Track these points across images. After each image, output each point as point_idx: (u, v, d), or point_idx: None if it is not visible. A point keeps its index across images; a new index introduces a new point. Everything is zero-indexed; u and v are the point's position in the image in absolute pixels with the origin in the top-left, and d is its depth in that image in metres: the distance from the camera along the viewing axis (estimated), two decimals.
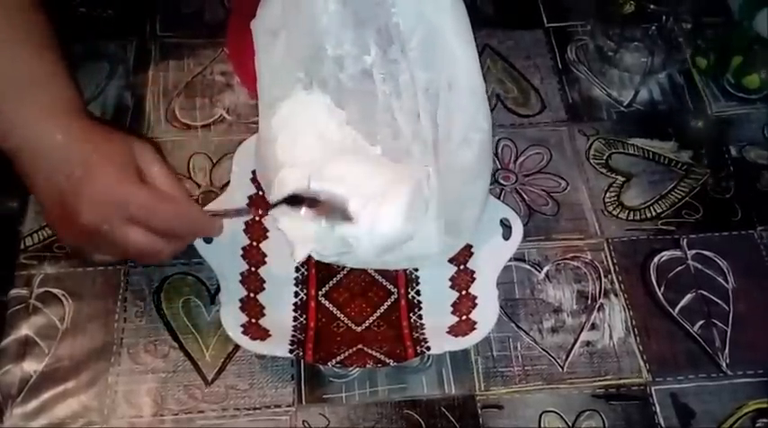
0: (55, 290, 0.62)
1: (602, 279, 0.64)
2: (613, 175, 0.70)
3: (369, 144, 0.61)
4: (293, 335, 0.58)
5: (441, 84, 0.56)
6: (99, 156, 0.51)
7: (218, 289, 0.61)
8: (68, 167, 0.51)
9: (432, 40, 0.55)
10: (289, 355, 0.57)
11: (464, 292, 0.60)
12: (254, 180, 0.65)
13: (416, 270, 0.63)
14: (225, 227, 0.60)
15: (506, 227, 0.62)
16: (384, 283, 0.63)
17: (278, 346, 0.57)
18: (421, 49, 0.55)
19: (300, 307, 0.61)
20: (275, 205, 0.57)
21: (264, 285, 0.61)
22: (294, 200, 0.56)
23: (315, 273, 0.63)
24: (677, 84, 0.76)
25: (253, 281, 0.61)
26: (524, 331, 0.62)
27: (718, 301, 0.63)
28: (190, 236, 0.57)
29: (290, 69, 0.60)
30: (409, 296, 0.62)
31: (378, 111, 0.59)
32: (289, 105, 0.61)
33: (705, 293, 0.63)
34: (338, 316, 0.61)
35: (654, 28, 0.73)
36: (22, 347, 0.59)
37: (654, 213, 0.68)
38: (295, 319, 0.60)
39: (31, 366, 0.58)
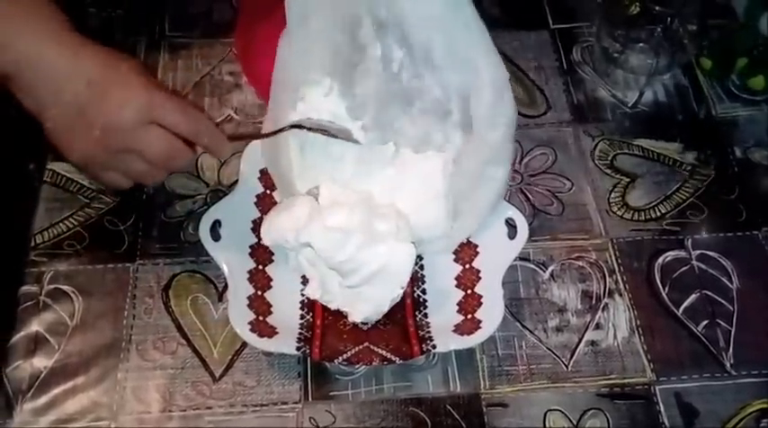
0: (65, 287, 0.63)
1: (607, 279, 0.65)
2: (618, 176, 0.71)
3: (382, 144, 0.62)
4: (300, 333, 0.59)
5: (468, 81, 0.57)
6: (120, 66, 0.53)
7: (225, 287, 0.62)
8: (83, 79, 0.51)
9: (450, 43, 0.56)
10: (296, 352, 0.57)
11: (469, 291, 0.61)
12: (263, 179, 0.66)
13: (422, 268, 0.64)
14: (233, 224, 0.61)
15: (512, 227, 0.62)
16: None
17: (285, 343, 0.57)
18: (444, 52, 0.57)
19: (307, 305, 0.61)
20: (280, 130, 0.59)
21: (272, 283, 0.62)
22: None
23: None
24: (682, 85, 0.77)
25: (260, 279, 0.61)
26: (529, 330, 0.62)
27: (723, 301, 0.63)
28: (212, 142, 0.57)
29: (316, 55, 0.60)
30: (415, 294, 0.62)
31: (397, 96, 0.60)
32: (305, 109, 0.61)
33: (709, 293, 0.64)
34: (344, 313, 0.61)
35: (659, 29, 0.74)
36: (32, 343, 0.60)
37: (658, 214, 0.68)
38: (302, 317, 0.61)
39: (41, 362, 0.59)
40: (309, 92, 0.60)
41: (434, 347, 0.57)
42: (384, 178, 0.62)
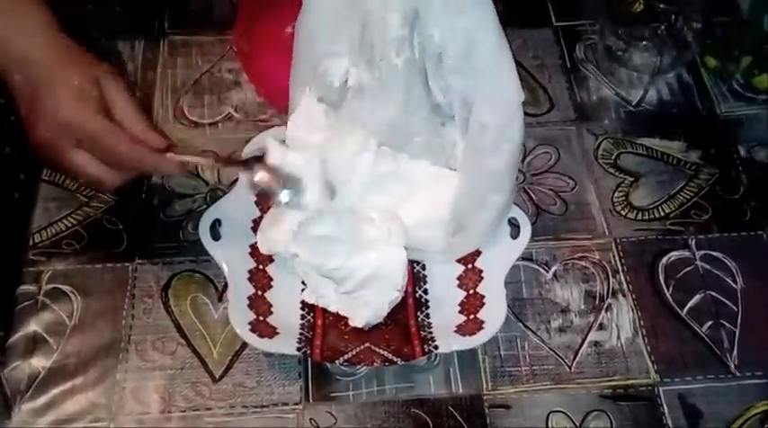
0: (63, 287, 0.62)
1: (610, 279, 0.64)
2: (622, 175, 0.70)
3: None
4: (301, 333, 0.58)
5: (476, 91, 0.55)
6: (62, 79, 0.54)
7: (225, 287, 0.61)
8: (35, 83, 0.53)
9: (468, 52, 0.54)
10: (296, 353, 0.57)
11: (472, 291, 0.60)
12: None
13: (424, 268, 0.63)
14: (233, 223, 0.60)
15: (514, 227, 0.62)
16: None
17: (285, 344, 0.57)
18: (458, 58, 0.55)
19: (308, 305, 0.61)
20: (238, 162, 0.60)
21: (272, 282, 0.61)
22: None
23: None
24: (686, 83, 0.76)
25: (261, 279, 0.61)
26: (532, 330, 0.62)
27: (727, 302, 0.63)
28: (135, 170, 0.58)
29: (337, 29, 0.57)
30: (417, 294, 0.62)
31: (408, 110, 0.59)
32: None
33: (713, 294, 0.63)
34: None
35: (663, 27, 0.73)
36: (30, 343, 0.60)
37: (662, 213, 0.68)
38: (303, 317, 0.60)
39: (39, 362, 0.59)
40: (332, 64, 0.59)
41: (436, 348, 0.57)
42: (393, 192, 0.60)
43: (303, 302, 0.61)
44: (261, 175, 0.56)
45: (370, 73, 0.56)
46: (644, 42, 0.75)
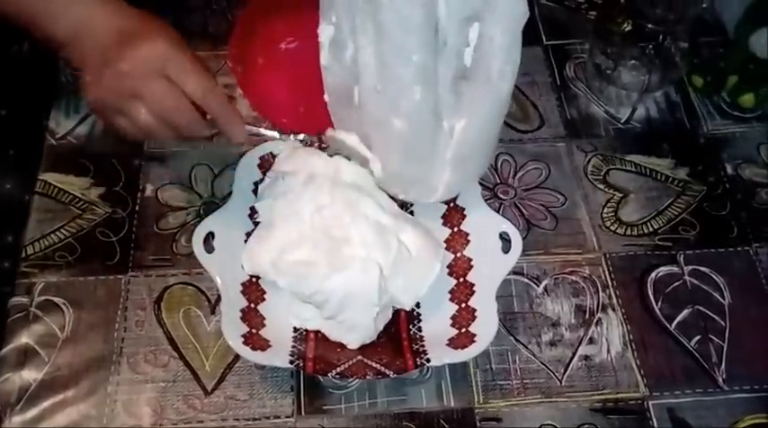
0: (55, 299, 0.62)
1: (600, 293, 0.65)
2: (611, 191, 0.71)
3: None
4: (293, 346, 0.59)
5: (480, 14, 0.55)
6: (153, 28, 0.56)
7: (218, 299, 0.61)
8: (116, 29, 0.55)
9: None
10: (289, 366, 0.57)
11: (463, 305, 0.61)
12: (256, 191, 0.65)
13: None
14: (226, 236, 0.61)
15: (505, 241, 0.63)
16: None
17: (278, 357, 0.57)
18: None
19: None
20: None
21: (265, 296, 0.61)
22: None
23: None
24: (674, 102, 0.77)
25: (254, 292, 0.61)
26: (523, 344, 0.62)
27: (715, 317, 0.64)
28: (214, 116, 0.58)
29: None
30: (409, 309, 0.62)
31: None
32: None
33: (702, 309, 0.64)
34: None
35: (651, 47, 0.74)
36: (21, 355, 0.59)
37: (651, 229, 0.69)
38: (295, 330, 0.60)
39: (30, 374, 0.59)
40: None
41: (428, 361, 0.57)
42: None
43: None
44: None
45: None
46: (632, 61, 0.76)
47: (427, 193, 0.63)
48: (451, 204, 0.66)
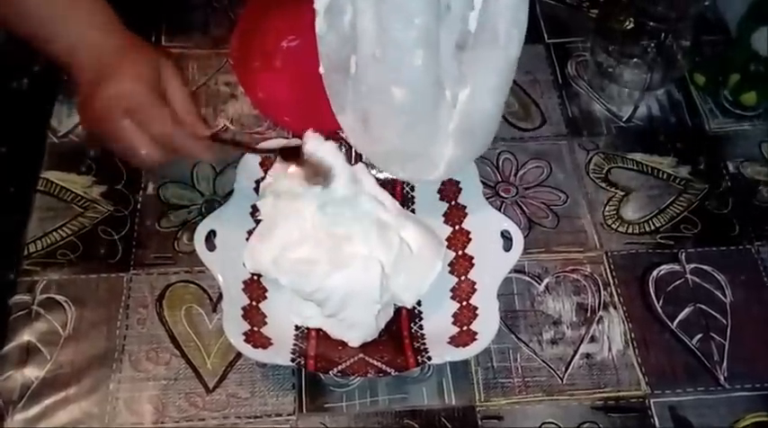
0: (57, 297, 0.62)
1: (602, 291, 0.65)
2: (613, 189, 0.71)
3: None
4: (295, 344, 0.59)
5: None
6: (125, 63, 0.58)
7: (219, 297, 0.62)
8: (100, 66, 0.58)
9: None
10: (290, 364, 0.57)
11: (465, 303, 0.61)
12: (258, 189, 0.65)
13: None
14: (228, 234, 0.61)
15: (507, 239, 0.63)
16: None
17: (279, 355, 0.57)
18: None
19: None
20: (265, 150, 0.64)
21: (267, 294, 0.61)
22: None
23: None
24: (676, 100, 0.77)
25: (255, 290, 0.61)
26: (524, 342, 0.62)
27: (716, 315, 0.64)
28: (174, 152, 0.59)
29: None
30: (410, 306, 0.62)
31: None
32: None
33: (703, 307, 0.64)
34: None
35: (653, 45, 0.74)
36: (24, 353, 0.59)
37: (652, 227, 0.69)
38: (297, 328, 0.60)
39: (32, 372, 0.59)
40: None
41: (429, 359, 0.57)
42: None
43: None
44: (293, 168, 0.60)
45: None
46: (634, 59, 0.76)
47: (427, 170, 0.61)
48: (453, 202, 0.66)
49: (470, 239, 0.64)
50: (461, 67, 0.56)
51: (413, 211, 0.67)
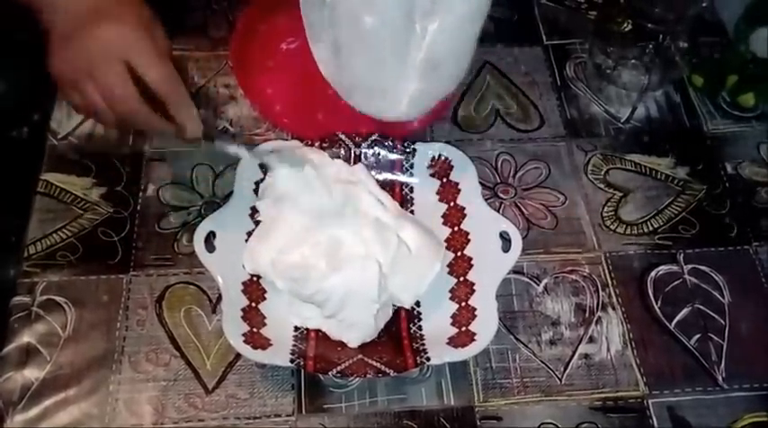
0: (57, 298, 0.62)
1: (600, 292, 0.65)
2: (611, 190, 0.71)
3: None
4: (294, 345, 0.59)
5: None
6: (128, 9, 0.57)
7: (219, 299, 0.62)
8: (92, 9, 0.56)
9: None
10: (289, 365, 0.57)
11: (464, 304, 0.61)
12: (257, 191, 0.66)
13: None
14: (227, 236, 0.61)
15: (505, 240, 0.63)
16: None
17: (279, 356, 0.57)
18: None
19: None
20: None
21: (266, 295, 0.62)
22: None
23: None
24: (674, 101, 0.78)
25: (254, 291, 0.61)
26: (523, 343, 0.62)
27: (715, 315, 0.64)
28: (169, 106, 0.58)
29: None
30: (409, 307, 0.62)
31: None
32: None
33: (701, 307, 0.64)
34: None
35: (651, 46, 0.75)
36: (23, 354, 0.60)
37: (651, 228, 0.69)
38: (296, 329, 0.60)
39: (32, 373, 0.59)
40: None
41: (428, 359, 0.57)
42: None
43: None
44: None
45: None
46: (632, 61, 0.77)
47: (390, 106, 0.61)
48: (452, 203, 0.66)
49: (469, 240, 0.64)
50: (434, 1, 0.56)
51: (412, 212, 0.67)
